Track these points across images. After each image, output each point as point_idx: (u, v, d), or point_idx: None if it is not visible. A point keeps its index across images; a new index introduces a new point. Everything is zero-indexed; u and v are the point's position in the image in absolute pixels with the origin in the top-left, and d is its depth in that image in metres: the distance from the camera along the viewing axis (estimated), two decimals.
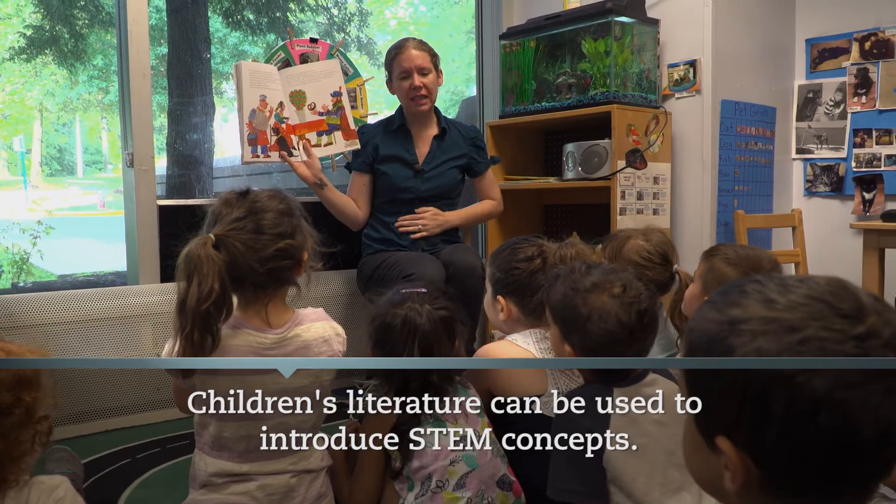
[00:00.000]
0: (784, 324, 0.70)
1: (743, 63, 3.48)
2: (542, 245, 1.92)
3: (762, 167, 3.62)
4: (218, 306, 1.39)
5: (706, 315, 0.77)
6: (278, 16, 6.55)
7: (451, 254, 2.84)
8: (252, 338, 1.49)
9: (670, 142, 3.38)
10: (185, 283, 1.39)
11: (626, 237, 2.25)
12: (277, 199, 1.53)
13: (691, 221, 3.40)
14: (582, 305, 1.48)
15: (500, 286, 1.93)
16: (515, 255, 1.91)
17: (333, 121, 2.96)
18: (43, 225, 6.01)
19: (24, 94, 8.51)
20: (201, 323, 1.38)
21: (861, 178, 3.52)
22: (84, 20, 6.30)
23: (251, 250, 1.44)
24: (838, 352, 0.68)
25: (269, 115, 2.80)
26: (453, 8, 7.97)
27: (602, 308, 1.46)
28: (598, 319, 1.46)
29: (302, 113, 2.90)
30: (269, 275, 1.48)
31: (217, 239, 1.43)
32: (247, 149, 2.74)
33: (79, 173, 11.94)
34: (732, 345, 0.72)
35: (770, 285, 0.75)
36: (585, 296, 1.48)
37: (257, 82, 2.77)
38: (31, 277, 5.78)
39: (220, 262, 1.40)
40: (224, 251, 1.42)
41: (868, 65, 3.51)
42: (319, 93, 2.94)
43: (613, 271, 1.54)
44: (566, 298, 1.51)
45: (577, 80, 3.36)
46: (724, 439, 0.72)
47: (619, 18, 3.23)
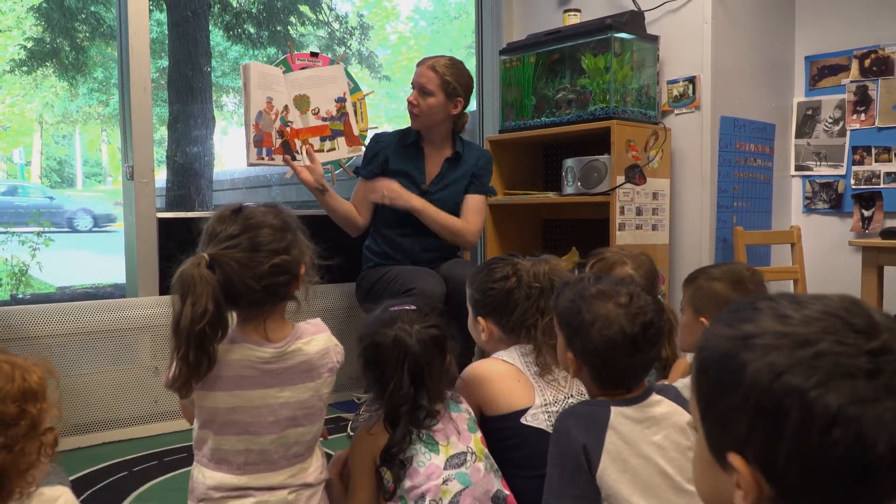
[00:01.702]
0: (798, 338, 0.70)
1: (742, 80, 3.49)
2: (516, 264, 1.92)
3: (761, 184, 3.63)
4: (213, 326, 1.38)
5: (718, 332, 0.76)
6: (279, 29, 6.58)
7: (452, 269, 2.83)
8: (251, 352, 1.49)
9: (669, 158, 3.39)
10: (180, 303, 1.38)
11: (615, 262, 2.25)
12: (272, 213, 1.52)
13: (690, 237, 3.40)
14: (586, 311, 1.47)
15: (479, 307, 1.95)
16: (491, 275, 1.92)
17: (337, 126, 2.96)
18: (42, 237, 6.01)
19: (24, 105, 8.54)
20: (196, 343, 1.38)
21: (860, 196, 3.53)
22: (85, 33, 6.32)
23: (246, 268, 1.43)
24: (852, 366, 0.67)
25: (274, 117, 2.80)
26: (453, 23, 8.01)
27: (606, 315, 1.46)
28: (600, 326, 1.45)
29: (306, 117, 2.91)
30: (265, 291, 1.47)
31: (211, 258, 1.42)
32: (252, 151, 2.73)
33: (78, 185, 11.95)
34: (745, 360, 0.71)
35: (783, 302, 0.74)
36: (591, 302, 1.48)
37: (265, 84, 2.77)
38: (29, 289, 5.78)
39: (214, 283, 1.39)
40: (218, 271, 1.41)
41: (867, 82, 3.52)
42: (323, 98, 2.95)
43: (622, 282, 1.54)
44: (572, 304, 1.51)
45: (576, 95, 3.37)
46: (736, 456, 0.71)
47: (619, 35, 3.25)
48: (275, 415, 1.52)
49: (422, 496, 1.56)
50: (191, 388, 1.43)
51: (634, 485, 1.40)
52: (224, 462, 1.50)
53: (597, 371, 1.49)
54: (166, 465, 2.54)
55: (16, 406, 1.10)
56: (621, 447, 1.42)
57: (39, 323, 2.69)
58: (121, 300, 3.00)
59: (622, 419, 1.44)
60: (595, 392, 1.53)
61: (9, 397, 1.10)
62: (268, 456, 1.53)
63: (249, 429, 1.50)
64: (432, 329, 1.69)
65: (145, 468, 2.53)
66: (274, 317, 1.53)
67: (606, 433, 1.42)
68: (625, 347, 1.44)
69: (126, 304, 2.93)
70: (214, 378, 1.46)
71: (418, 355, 1.64)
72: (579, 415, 1.49)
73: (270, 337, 1.51)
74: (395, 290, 2.70)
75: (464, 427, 1.68)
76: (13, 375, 1.12)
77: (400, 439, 1.60)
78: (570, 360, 1.52)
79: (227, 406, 1.48)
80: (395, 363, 1.64)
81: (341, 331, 3.12)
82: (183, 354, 1.38)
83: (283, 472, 1.55)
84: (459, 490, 1.58)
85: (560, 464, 1.43)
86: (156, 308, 2.91)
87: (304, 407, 1.56)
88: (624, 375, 1.49)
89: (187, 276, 1.38)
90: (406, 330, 1.65)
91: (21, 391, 1.11)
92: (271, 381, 1.51)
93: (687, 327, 1.99)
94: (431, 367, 1.66)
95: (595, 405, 1.50)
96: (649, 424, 1.46)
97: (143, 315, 2.88)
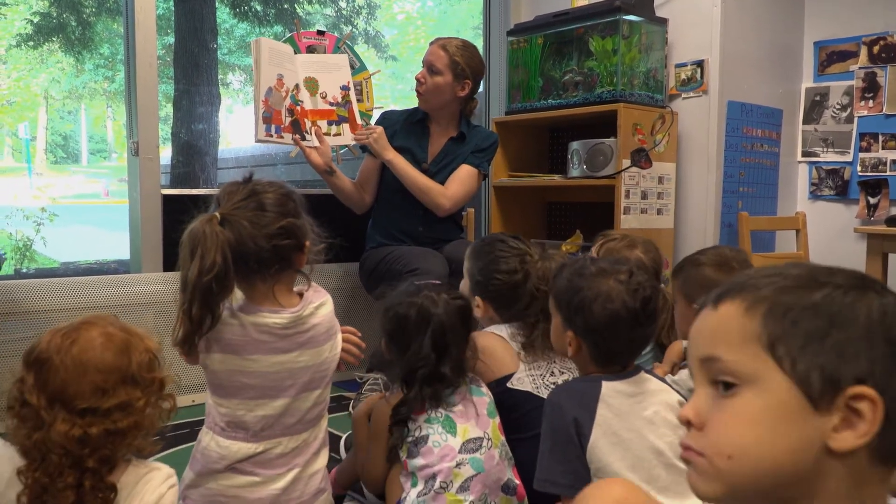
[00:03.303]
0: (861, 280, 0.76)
1: (750, 64, 3.47)
2: (525, 257, 1.91)
3: (767, 169, 3.62)
4: (220, 281, 1.39)
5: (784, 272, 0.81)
6: (286, 7, 6.56)
7: (455, 250, 2.83)
8: (268, 318, 1.50)
9: (676, 142, 3.38)
10: (189, 259, 1.39)
11: (624, 245, 2.26)
12: (277, 184, 1.55)
13: (695, 222, 3.39)
14: (587, 289, 1.50)
15: (480, 289, 1.95)
16: (497, 264, 1.91)
17: (342, 112, 2.96)
18: (47, 212, 6.03)
19: (29, 80, 8.53)
20: (201, 297, 1.38)
21: (866, 183, 3.52)
22: (91, 8, 6.30)
23: (256, 226, 1.45)
24: None
25: (284, 95, 2.79)
26: (461, 3, 7.97)
27: (608, 291, 1.49)
28: (603, 301, 1.48)
29: (315, 99, 2.90)
30: (273, 252, 1.48)
31: (222, 217, 1.43)
32: (261, 126, 2.71)
33: (83, 161, 11.97)
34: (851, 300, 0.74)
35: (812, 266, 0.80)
36: (591, 279, 1.51)
37: (276, 61, 2.76)
38: (33, 264, 5.80)
39: (225, 238, 1.40)
40: (229, 228, 1.43)
41: (876, 69, 3.50)
42: (330, 84, 2.94)
43: (619, 261, 1.57)
44: (571, 283, 1.54)
45: (583, 77, 3.35)
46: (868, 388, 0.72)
47: (628, 17, 3.23)
48: (294, 378, 1.53)
49: (433, 476, 1.57)
50: (193, 346, 1.45)
51: (624, 459, 1.42)
52: (241, 428, 1.51)
53: (597, 348, 1.52)
54: (169, 441, 2.56)
55: (152, 373, 1.22)
56: (612, 420, 1.44)
57: (43, 297, 2.70)
58: (124, 276, 3.01)
59: (613, 393, 1.47)
60: (590, 371, 1.56)
61: (147, 365, 1.23)
62: (285, 420, 1.54)
63: (269, 393, 1.52)
64: (459, 300, 1.72)
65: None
66: (281, 287, 1.54)
67: (598, 407, 1.44)
68: (627, 321, 1.48)
69: (130, 279, 2.94)
70: (231, 343, 1.47)
71: (444, 321, 1.66)
72: (571, 390, 1.52)
73: (283, 304, 1.52)
74: (399, 271, 2.70)
75: (483, 411, 1.69)
76: (146, 346, 1.24)
77: (412, 398, 1.62)
78: (570, 338, 1.54)
79: (246, 370, 1.49)
80: (418, 328, 1.66)
81: (345, 309, 3.13)
82: (187, 309, 1.39)
83: (297, 438, 1.56)
84: (471, 475, 1.58)
85: (552, 437, 1.46)
86: (160, 284, 2.91)
87: (321, 369, 1.58)
88: (622, 351, 1.52)
89: (198, 231, 1.40)
90: (432, 298, 1.68)
91: (150, 360, 1.23)
92: (290, 346, 1.52)
93: (682, 316, 2.02)
94: (456, 336, 1.68)
95: (587, 381, 1.54)
96: (640, 399, 1.49)
97: (146, 291, 2.89)
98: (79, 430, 1.13)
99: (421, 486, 1.57)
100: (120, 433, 1.17)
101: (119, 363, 1.19)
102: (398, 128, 3.03)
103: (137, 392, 1.20)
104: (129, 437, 1.19)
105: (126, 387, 1.19)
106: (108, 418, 1.16)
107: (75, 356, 1.17)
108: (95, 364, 1.17)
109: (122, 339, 1.22)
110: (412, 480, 1.59)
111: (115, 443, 1.17)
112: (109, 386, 1.17)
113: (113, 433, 1.16)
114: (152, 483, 1.22)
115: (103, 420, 1.15)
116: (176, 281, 1.43)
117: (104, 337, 1.20)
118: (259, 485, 1.52)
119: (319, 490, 1.61)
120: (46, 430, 1.14)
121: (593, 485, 1.25)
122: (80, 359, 1.17)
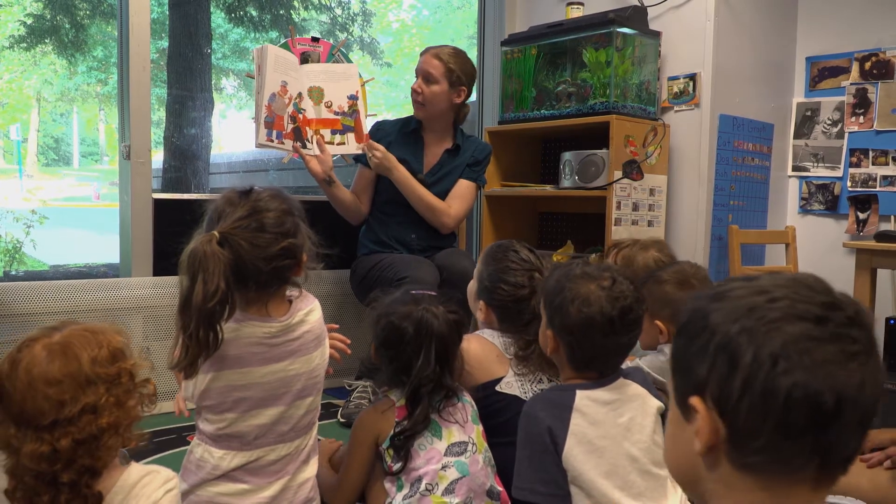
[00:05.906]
0: (758, 289, 0.77)
1: (743, 78, 3.49)
2: (534, 275, 1.91)
3: (758, 183, 3.63)
4: (223, 304, 1.38)
5: (694, 298, 0.83)
6: (281, 13, 6.56)
7: (447, 258, 2.84)
8: (257, 329, 1.50)
9: (667, 154, 3.39)
10: (190, 280, 1.37)
11: (640, 248, 2.30)
12: (279, 199, 1.52)
13: (685, 234, 3.41)
14: (568, 290, 1.52)
15: (485, 294, 1.95)
16: (506, 273, 1.91)
17: (348, 122, 2.96)
18: (37, 214, 6.01)
19: (22, 82, 8.50)
20: (206, 321, 1.37)
21: (856, 198, 3.54)
22: (85, 11, 6.29)
23: (256, 248, 1.44)
24: (803, 310, 0.74)
25: (287, 101, 2.79)
26: (456, 13, 7.99)
27: (587, 295, 1.50)
28: (580, 304, 1.50)
29: (318, 108, 2.91)
30: (272, 273, 1.47)
31: (221, 236, 1.41)
32: (262, 131, 2.71)
33: (75, 164, 11.93)
34: (710, 309, 0.78)
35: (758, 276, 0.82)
36: (575, 281, 1.53)
37: (281, 68, 2.76)
38: (23, 266, 5.77)
39: (226, 260, 1.39)
40: (229, 249, 1.41)
41: (867, 85, 3.52)
42: (337, 93, 2.95)
43: (607, 268, 1.58)
44: (557, 283, 1.56)
45: (576, 89, 3.36)
46: (696, 398, 0.77)
47: (621, 29, 3.24)
48: (287, 387, 1.54)
49: (418, 479, 1.57)
50: (197, 367, 1.43)
51: (599, 466, 1.44)
52: (235, 438, 1.51)
53: (571, 350, 1.53)
54: (157, 446, 2.54)
55: (113, 366, 1.20)
56: (587, 429, 1.46)
57: (32, 300, 2.69)
58: (114, 280, 2.99)
59: (588, 402, 1.49)
60: (568, 374, 1.58)
61: (104, 360, 1.20)
62: (279, 428, 1.54)
63: (263, 403, 1.52)
64: (454, 314, 1.73)
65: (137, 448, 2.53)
66: (275, 300, 1.54)
67: (571, 415, 1.46)
68: (601, 327, 1.49)
69: (119, 283, 2.93)
70: (223, 358, 1.47)
71: (445, 336, 1.67)
72: (546, 399, 1.55)
73: (272, 314, 1.52)
74: (389, 278, 2.70)
75: (468, 418, 1.69)
76: (99, 341, 1.21)
77: (421, 419, 1.62)
78: (550, 337, 1.56)
79: (239, 384, 1.49)
80: (419, 342, 1.66)
81: (335, 317, 3.12)
82: (192, 332, 1.37)
83: (290, 445, 1.56)
84: (457, 478, 1.58)
85: (528, 447, 1.48)
86: (149, 289, 2.90)
87: (312, 376, 1.58)
88: (597, 356, 1.54)
89: (199, 252, 1.37)
90: (432, 311, 1.69)
91: (111, 353, 1.21)
92: (281, 354, 1.52)
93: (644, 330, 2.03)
94: (455, 349, 1.71)
95: (561, 389, 1.55)
96: (617, 406, 1.51)
97: (136, 295, 2.88)
98: (46, 446, 1.12)
99: (407, 490, 1.58)
100: (93, 438, 1.15)
101: (68, 369, 1.16)
102: (393, 139, 3.03)
103: (101, 390, 1.17)
104: (107, 437, 1.17)
105: (85, 389, 1.16)
106: (75, 426, 1.14)
107: (22, 376, 1.15)
108: (44, 378, 1.14)
109: (63, 344, 1.19)
110: (398, 484, 1.60)
111: (93, 449, 1.16)
112: (67, 395, 1.14)
113: (85, 441, 1.15)
114: (148, 487, 1.22)
115: (71, 429, 1.14)
116: (165, 286, 1.43)
117: (46, 349, 1.17)
118: (248, 493, 1.51)
119: (308, 500, 1.60)
120: (17, 454, 1.14)
121: None
122: (28, 377, 1.15)
